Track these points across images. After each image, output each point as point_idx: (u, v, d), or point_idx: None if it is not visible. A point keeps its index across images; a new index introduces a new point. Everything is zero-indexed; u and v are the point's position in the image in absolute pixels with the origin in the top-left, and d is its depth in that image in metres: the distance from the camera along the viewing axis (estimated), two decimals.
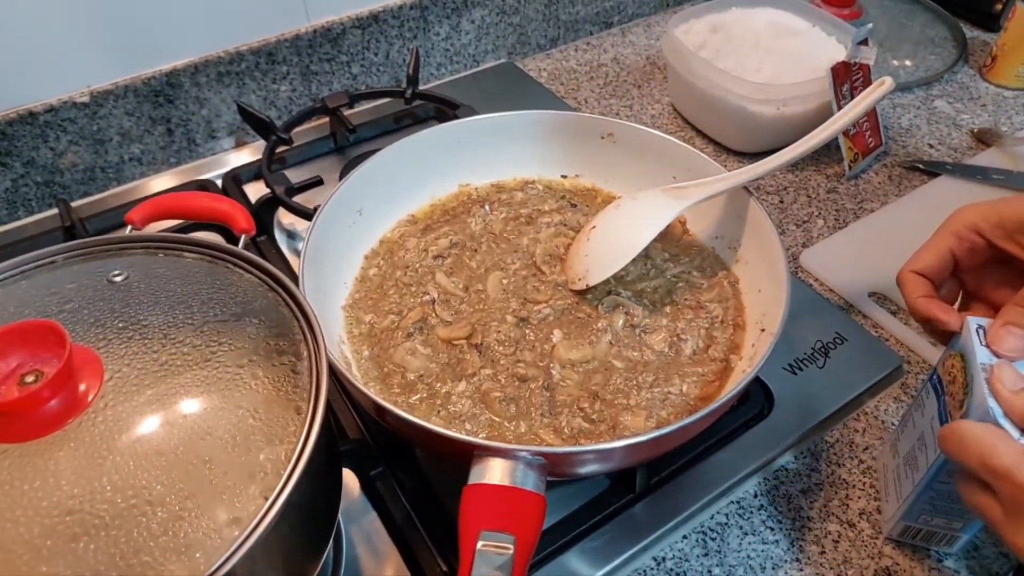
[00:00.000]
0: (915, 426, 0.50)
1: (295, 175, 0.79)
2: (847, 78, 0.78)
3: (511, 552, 0.37)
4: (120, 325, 0.40)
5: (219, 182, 0.80)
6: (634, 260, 0.62)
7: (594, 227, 0.61)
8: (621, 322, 0.57)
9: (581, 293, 0.59)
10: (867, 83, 0.80)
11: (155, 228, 0.66)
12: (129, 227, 0.53)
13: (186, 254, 0.46)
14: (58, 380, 0.35)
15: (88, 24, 0.70)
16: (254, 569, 0.36)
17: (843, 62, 0.77)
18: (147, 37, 0.74)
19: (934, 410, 0.48)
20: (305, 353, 0.41)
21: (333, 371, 0.47)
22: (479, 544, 0.38)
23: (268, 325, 0.42)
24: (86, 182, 0.78)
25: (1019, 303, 0.44)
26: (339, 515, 0.54)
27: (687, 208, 0.59)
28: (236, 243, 0.51)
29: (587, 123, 0.68)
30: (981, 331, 0.45)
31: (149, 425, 0.36)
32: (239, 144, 0.85)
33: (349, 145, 0.84)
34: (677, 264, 0.62)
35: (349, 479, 0.56)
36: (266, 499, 0.35)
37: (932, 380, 0.49)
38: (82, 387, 0.36)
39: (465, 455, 0.43)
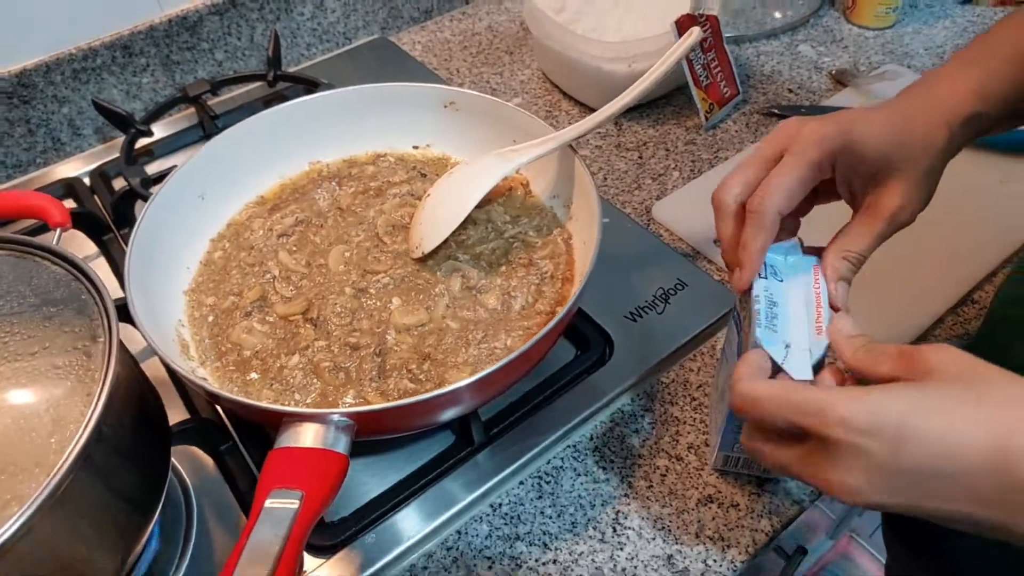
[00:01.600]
0: (727, 361, 0.53)
1: (160, 166, 0.80)
2: None
3: (296, 507, 0.39)
4: None
5: (87, 179, 0.80)
6: (476, 223, 0.64)
7: (429, 196, 0.63)
8: (458, 285, 0.60)
9: (422, 260, 0.61)
10: (716, 33, 0.82)
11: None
12: None
13: None
14: None
15: None
16: (48, 543, 0.38)
17: (687, 15, 0.79)
18: None
19: (735, 345, 0.50)
20: (100, 335, 0.43)
21: (160, 360, 0.49)
22: (267, 502, 0.40)
23: (66, 312, 0.44)
24: None
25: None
26: (192, 493, 0.57)
27: (513, 170, 0.61)
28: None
29: (428, 93, 0.69)
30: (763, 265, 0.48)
31: None
32: (107, 140, 0.85)
33: (217, 132, 0.84)
34: (516, 225, 0.64)
35: (202, 456, 0.58)
36: (46, 476, 0.37)
37: (733, 316, 0.52)
38: None
39: (278, 423, 0.46)
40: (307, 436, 0.44)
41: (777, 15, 1.01)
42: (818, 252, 0.50)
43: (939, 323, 0.65)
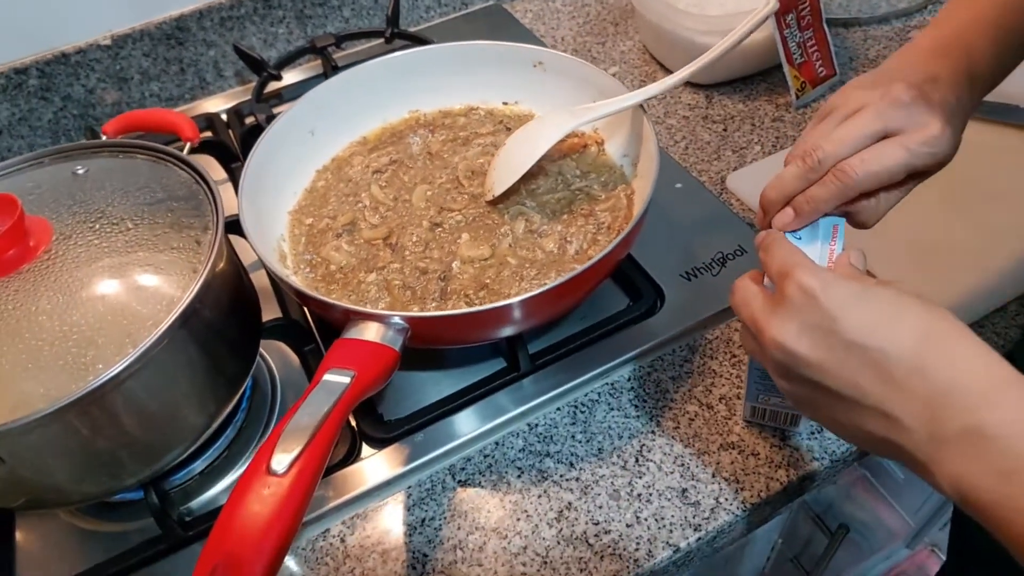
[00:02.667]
0: None
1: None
2: (793, 7, 0.81)
3: (347, 382, 0.47)
4: (70, 203, 0.52)
5: (224, 116, 0.92)
6: (547, 175, 0.69)
7: (505, 145, 0.68)
8: (522, 227, 0.65)
9: (493, 203, 0.67)
10: (815, 11, 0.82)
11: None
12: (104, 136, 0.65)
13: (138, 156, 0.58)
14: (9, 235, 0.47)
15: None
16: (152, 384, 0.47)
17: None
18: None
19: None
20: (210, 227, 0.52)
21: (259, 259, 0.58)
22: (324, 376, 0.47)
23: (185, 208, 0.53)
24: (114, 115, 0.91)
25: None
26: (278, 383, 0.66)
27: (579, 125, 0.65)
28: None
29: (519, 52, 0.74)
30: None
31: (80, 273, 0.48)
32: (245, 82, 0.97)
33: None
34: (584, 179, 0.69)
35: (291, 353, 0.67)
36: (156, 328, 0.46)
37: None
38: (32, 243, 0.48)
39: (347, 320, 0.53)
40: (368, 331, 0.51)
41: (893, 1, 0.99)
42: (841, 214, 0.51)
43: (1002, 310, 0.64)
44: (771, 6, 0.62)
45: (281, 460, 0.41)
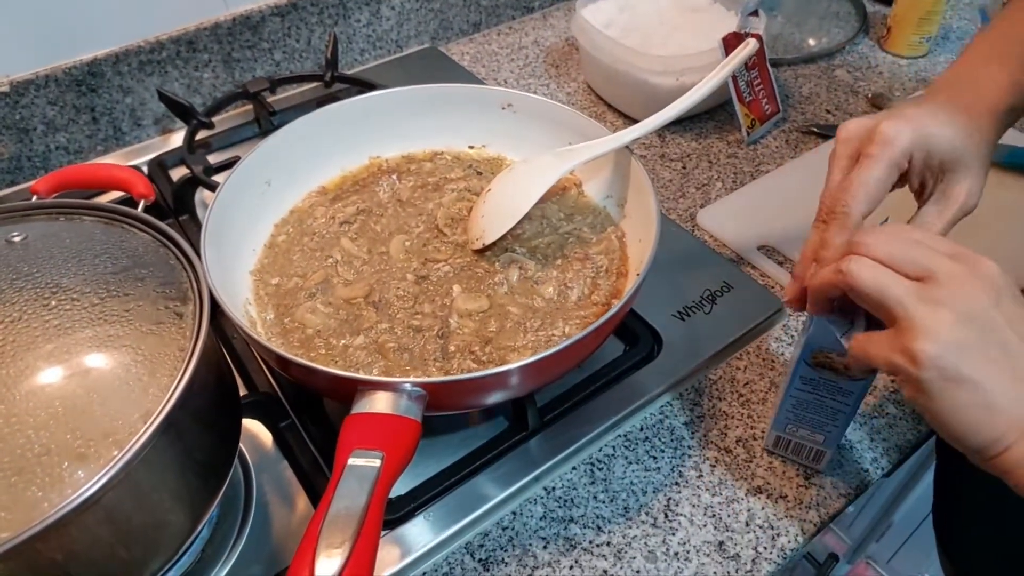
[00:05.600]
0: (795, 350, 0.55)
1: (218, 158, 0.82)
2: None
3: (379, 465, 0.41)
4: (12, 277, 0.43)
5: (144, 168, 0.82)
6: (531, 219, 0.66)
7: (489, 191, 0.65)
8: (516, 275, 0.61)
9: (480, 252, 0.63)
10: (760, 52, 0.85)
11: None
12: (35, 197, 0.56)
13: (84, 217, 0.50)
14: None
15: (3, 14, 0.73)
16: (140, 490, 0.40)
17: (734, 33, 0.82)
18: (66, 27, 0.77)
19: (805, 335, 0.52)
20: (191, 297, 0.45)
21: (237, 328, 0.51)
22: (350, 460, 0.41)
23: (156, 275, 0.46)
24: (12, 171, 0.80)
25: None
26: (251, 467, 0.58)
27: (572, 168, 0.63)
28: None
29: (487, 94, 0.72)
30: None
31: (37, 362, 0.40)
32: (165, 131, 0.88)
33: (273, 129, 0.86)
34: (571, 222, 0.66)
35: (261, 432, 0.60)
36: (145, 422, 0.38)
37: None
38: None
39: (353, 392, 0.47)
40: (382, 403, 0.45)
41: (811, 41, 1.05)
42: None
43: None
44: (752, 46, 0.63)
45: (328, 566, 0.35)
